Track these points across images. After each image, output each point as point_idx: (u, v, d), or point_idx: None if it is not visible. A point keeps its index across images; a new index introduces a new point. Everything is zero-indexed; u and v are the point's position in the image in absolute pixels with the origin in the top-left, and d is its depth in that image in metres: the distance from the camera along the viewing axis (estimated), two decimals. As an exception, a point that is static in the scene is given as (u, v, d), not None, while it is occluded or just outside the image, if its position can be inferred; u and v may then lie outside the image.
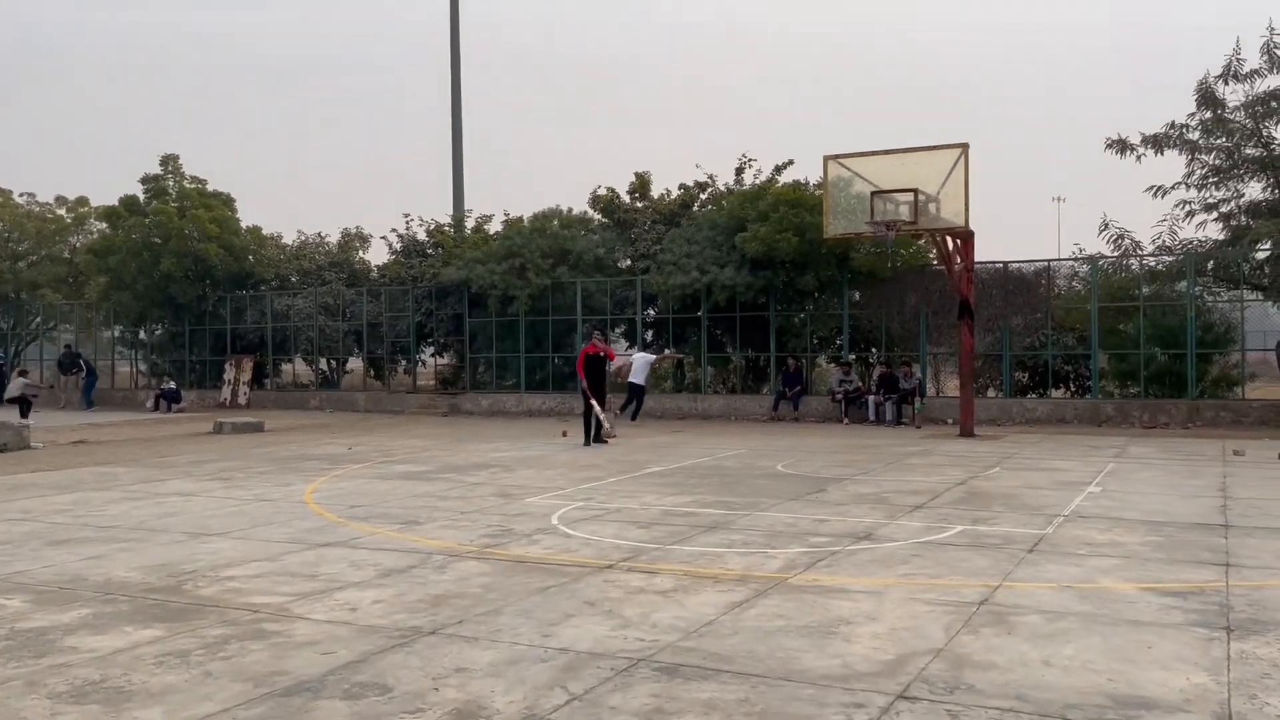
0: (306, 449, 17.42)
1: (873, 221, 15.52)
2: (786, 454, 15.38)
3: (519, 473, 13.49)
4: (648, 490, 11.57)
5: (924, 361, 21.48)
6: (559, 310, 25.48)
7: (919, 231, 15.72)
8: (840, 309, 22.87)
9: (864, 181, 15.85)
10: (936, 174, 15.37)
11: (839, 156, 16.20)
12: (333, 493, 11.77)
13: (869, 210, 15.56)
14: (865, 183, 15.84)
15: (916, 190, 15.31)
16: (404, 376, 30.20)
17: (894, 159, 15.73)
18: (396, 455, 16.10)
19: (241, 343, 30.75)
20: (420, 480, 12.80)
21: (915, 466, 13.58)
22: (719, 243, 22.81)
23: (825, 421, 21.82)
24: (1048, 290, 20.93)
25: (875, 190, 15.61)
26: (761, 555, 7.84)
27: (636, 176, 26.77)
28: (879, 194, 15.56)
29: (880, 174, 15.73)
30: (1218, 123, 20.53)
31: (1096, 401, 20.08)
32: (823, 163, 16.30)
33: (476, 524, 9.47)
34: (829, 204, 16.40)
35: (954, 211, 15.39)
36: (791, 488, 11.62)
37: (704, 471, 13.28)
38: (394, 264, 29.90)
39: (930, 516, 9.51)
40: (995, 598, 6.42)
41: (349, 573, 7.43)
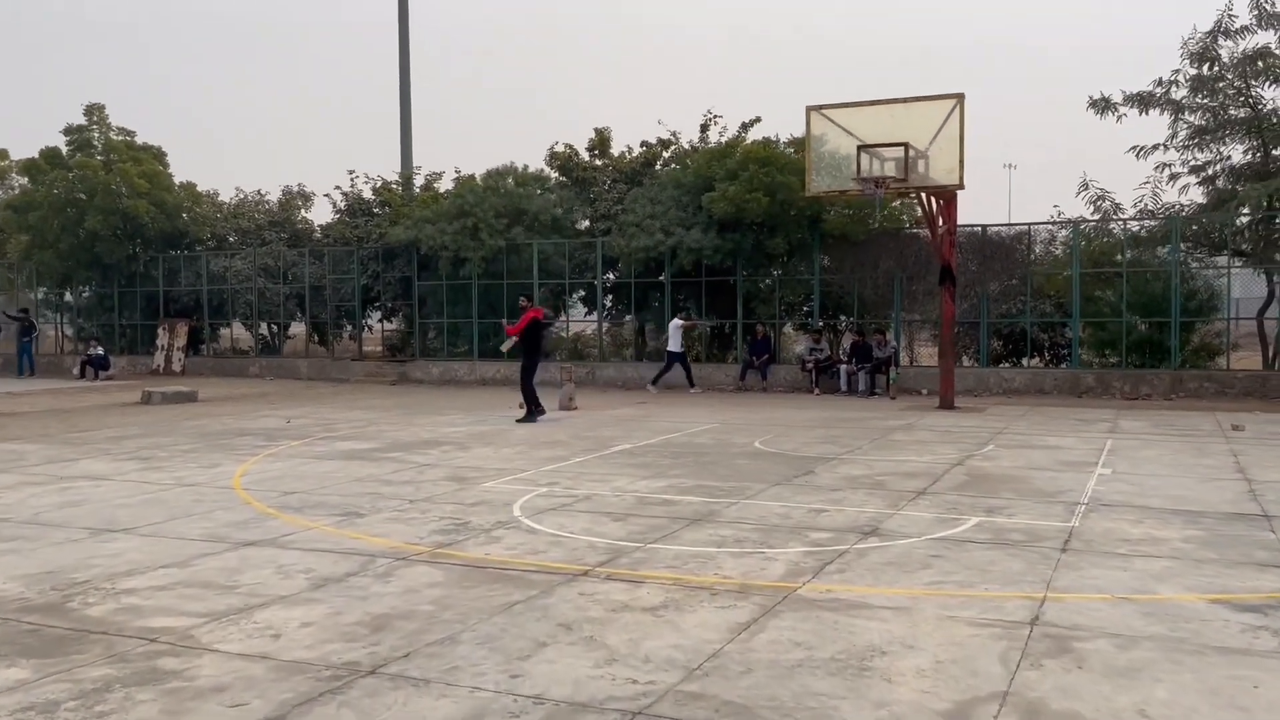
0: (241, 422, 16.05)
1: (860, 178, 14.44)
2: (761, 428, 14.36)
3: (474, 451, 12.32)
4: (619, 472, 10.46)
5: (898, 329, 20.58)
6: (514, 273, 24.16)
7: (908, 190, 14.69)
8: (810, 273, 21.86)
9: (848, 136, 14.71)
10: (928, 127, 14.29)
11: (822, 107, 15.05)
12: (265, 476, 10.51)
13: (855, 166, 14.46)
14: (850, 137, 14.71)
15: (907, 145, 14.23)
16: (350, 342, 28.74)
17: (882, 111, 14.62)
18: (339, 430, 14.82)
19: (175, 306, 29.01)
20: (364, 460, 11.57)
21: (903, 444, 12.63)
22: (684, 203, 21.63)
23: (795, 392, 20.87)
24: (1026, 255, 20.07)
25: (862, 145, 14.50)
26: (759, 557, 6.78)
27: (596, 133, 25.43)
28: (866, 148, 14.46)
29: (867, 127, 14.62)
30: (1203, 83, 19.72)
31: (1076, 371, 19.34)
32: (805, 114, 15.14)
33: (427, 516, 8.30)
34: (811, 159, 15.26)
35: (947, 168, 14.35)
36: (776, 469, 10.59)
37: (677, 449, 12.21)
38: (338, 224, 28.31)
39: (937, 505, 8.53)
40: (1046, 614, 5.42)
41: (275, 583, 6.24)
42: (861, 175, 14.43)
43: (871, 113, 14.72)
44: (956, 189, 14.48)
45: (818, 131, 15.09)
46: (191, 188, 29.60)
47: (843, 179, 14.93)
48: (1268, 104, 19.64)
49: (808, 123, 15.16)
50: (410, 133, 31.20)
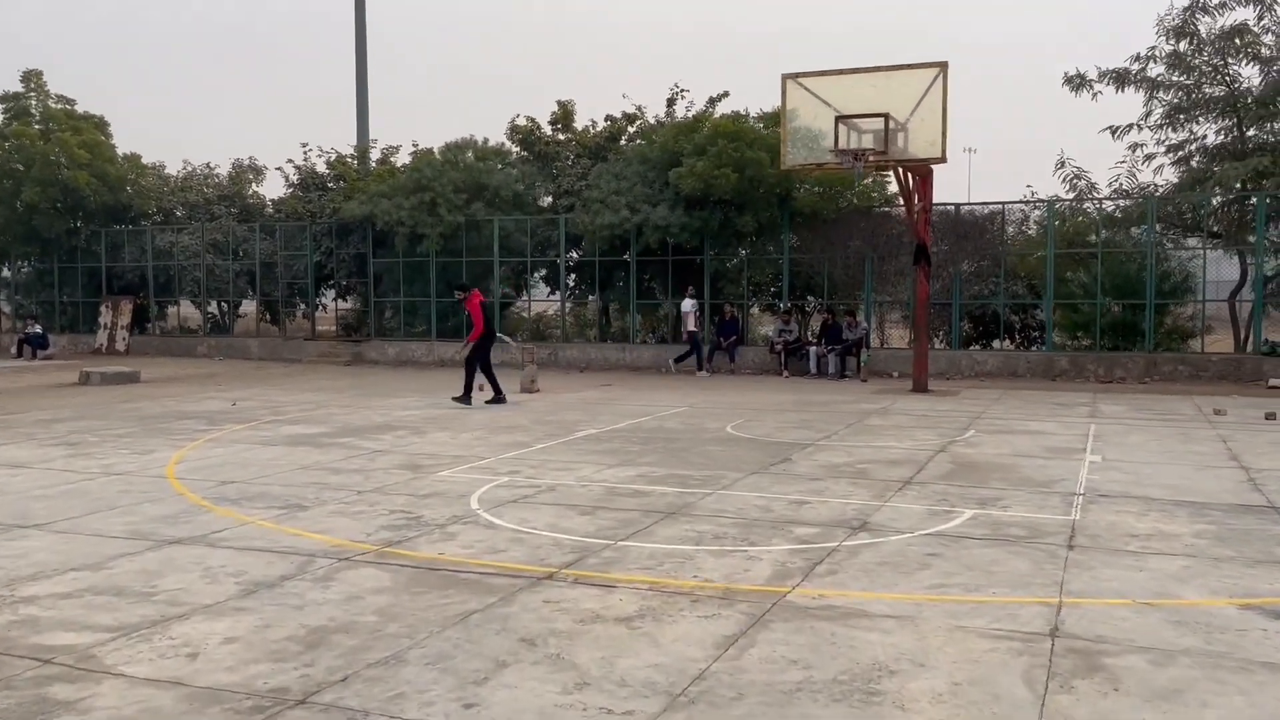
0: (184, 404, 15.19)
1: (838, 150, 13.82)
2: (732, 412, 13.78)
3: (430, 436, 11.60)
4: (584, 460, 9.82)
5: (869, 310, 20.09)
6: (474, 250, 23.34)
7: (888, 163, 14.10)
8: (779, 253, 21.28)
9: (825, 106, 14.05)
10: (909, 97, 13.69)
11: (798, 75, 14.39)
12: (203, 463, 9.74)
13: (832, 138, 13.84)
14: (827, 108, 14.05)
15: (887, 116, 13.64)
16: (303, 322, 27.75)
17: (861, 80, 13.99)
18: (288, 413, 14.02)
19: (119, 283, 27.83)
20: (312, 446, 10.82)
21: (880, 429, 12.10)
22: (650, 179, 20.93)
23: (763, 374, 20.32)
24: (1001, 235, 19.64)
25: (840, 115, 13.88)
26: (742, 556, 6.18)
27: (559, 105, 24.61)
28: (844, 119, 13.85)
29: (845, 97, 13.99)
30: (1179, 59, 19.35)
31: (1050, 354, 18.97)
32: (780, 83, 14.47)
33: (376, 509, 7.60)
34: (786, 131, 14.61)
35: (928, 141, 13.78)
36: (751, 456, 10.00)
37: (646, 435, 11.58)
38: (291, 198, 27.25)
39: (926, 496, 7.98)
40: (1066, 624, 4.87)
41: (199, 588, 5.53)
42: (840, 148, 13.83)
43: (850, 82, 14.09)
44: (938, 162, 13.93)
45: (794, 102, 14.43)
46: (136, 159, 28.36)
47: (819, 151, 14.31)
48: (1244, 82, 19.33)
49: (783, 92, 14.50)
50: (366, 104, 30.16)
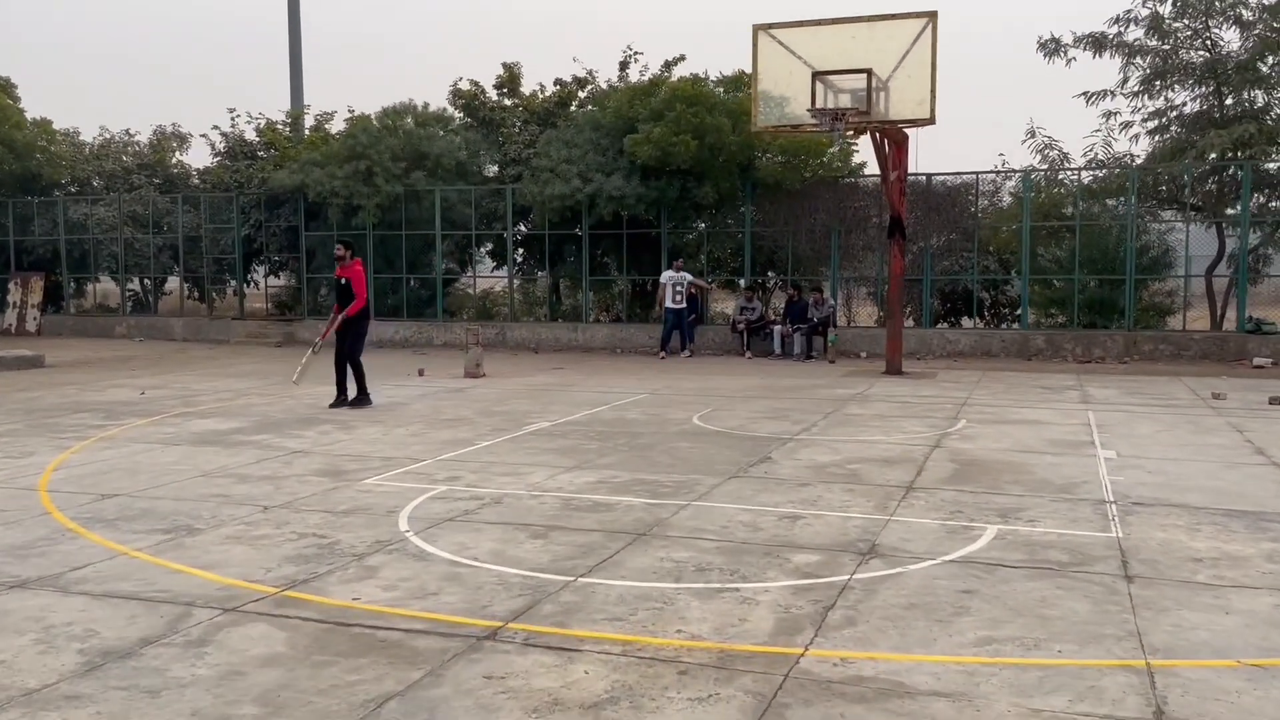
0: (86, 393, 13.61)
1: (816, 110, 12.59)
2: (697, 400, 12.58)
3: (359, 431, 10.24)
4: (536, 461, 8.54)
5: (835, 287, 18.99)
6: (414, 223, 21.81)
7: (871, 124, 12.89)
8: (740, 226, 20.09)
9: (801, 63, 12.78)
10: (894, 51, 12.48)
11: (770, 26, 13.07)
12: (87, 469, 8.30)
13: (809, 97, 12.59)
14: (802, 64, 12.79)
15: (870, 71, 12.44)
16: (234, 300, 26.01)
17: (841, 32, 12.73)
18: (202, 403, 12.54)
19: (29, 258, 25.79)
20: (220, 446, 9.41)
21: (862, 419, 10.98)
22: (604, 147, 19.57)
23: (724, 354, 19.15)
24: (975, 207, 18.62)
25: (817, 72, 12.64)
26: (734, 597, 4.97)
27: (505, 69, 23.06)
28: (822, 76, 12.62)
29: (823, 51, 12.73)
30: (1158, 23, 18.42)
31: (1025, 333, 18.03)
32: (751, 34, 13.16)
33: (284, 532, 6.27)
34: (758, 89, 13.32)
35: (916, 100, 12.58)
36: (726, 455, 8.80)
37: (604, 428, 10.33)
38: (217, 168, 25.43)
39: (936, 506, 6.85)
40: (1171, 705, 3.73)
41: (26, 662, 4.19)
42: (817, 107, 12.60)
43: (829, 34, 12.83)
44: (927, 123, 12.76)
45: (766, 57, 13.11)
46: (46, 125, 26.28)
47: (794, 112, 13.06)
48: (1224, 46, 18.46)
49: (754, 45, 13.18)
50: (300, 66, 28.29)
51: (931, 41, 12.42)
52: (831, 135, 12.95)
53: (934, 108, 12.57)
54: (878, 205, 18.96)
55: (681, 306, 18.68)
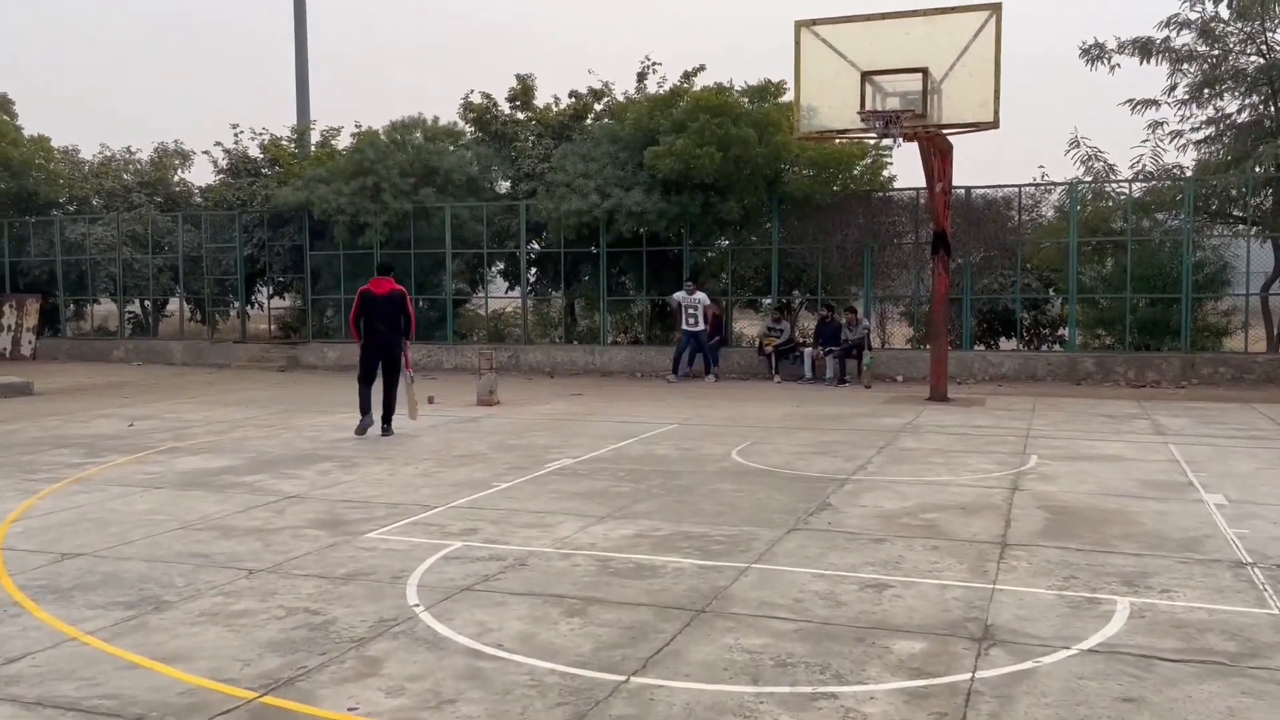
0: (70, 425, 12.61)
1: (866, 113, 11.57)
2: (732, 431, 11.52)
3: (363, 470, 9.20)
4: (563, 508, 7.49)
5: (868, 306, 17.94)
6: (423, 242, 20.85)
7: (927, 129, 11.83)
8: (765, 243, 19.06)
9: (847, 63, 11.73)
10: (952, 48, 11.43)
11: (814, 22, 12.03)
12: (52, 520, 7.27)
13: (858, 99, 11.57)
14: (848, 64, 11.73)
15: (926, 71, 11.43)
16: (236, 322, 25.06)
17: (893, 27, 11.69)
18: (193, 436, 11.52)
19: (25, 279, 24.90)
20: (207, 489, 8.37)
21: (919, 454, 9.91)
22: (622, 160, 18.61)
23: (750, 378, 18.09)
24: (1017, 221, 17.56)
25: (867, 71, 11.62)
26: (834, 710, 3.90)
27: (519, 80, 22.15)
28: (871, 76, 11.61)
29: (873, 49, 11.70)
30: (1208, 29, 17.40)
31: (1073, 355, 16.94)
32: (794, 31, 12.13)
33: (269, 606, 5.23)
34: (800, 91, 12.28)
35: (978, 101, 11.52)
36: (778, 500, 7.74)
37: (635, 466, 9.27)
38: (220, 186, 24.56)
39: (1044, 570, 5.77)
40: None
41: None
42: (867, 109, 11.57)
43: (881, 30, 11.81)
44: (990, 127, 11.69)
45: (809, 56, 12.06)
46: (44, 142, 25.47)
47: (840, 116, 12.03)
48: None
49: (796, 42, 12.14)
50: (307, 79, 27.50)
51: (995, 36, 11.38)
52: (889, 141, 11.85)
53: (998, 110, 11.50)
54: (913, 220, 17.96)
55: (699, 329, 17.62)
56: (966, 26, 11.45)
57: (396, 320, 11.43)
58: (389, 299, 11.42)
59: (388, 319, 11.42)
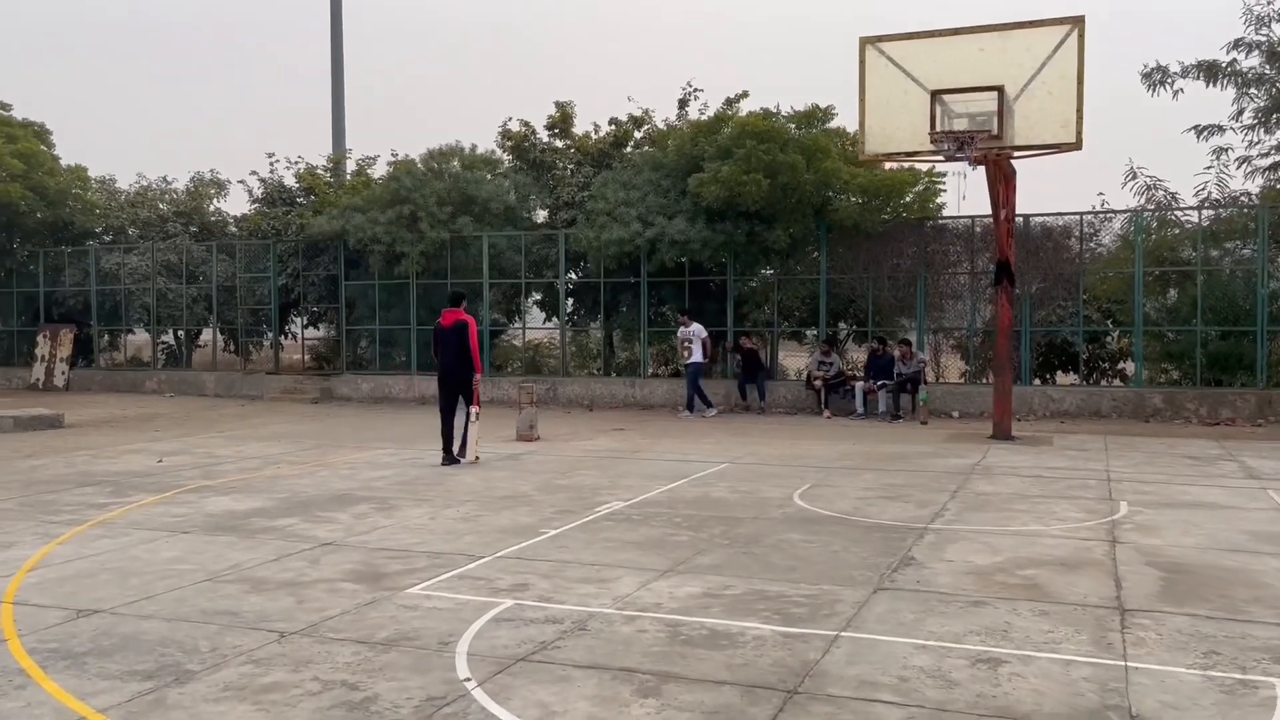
0: (98, 461, 12.16)
1: (938, 134, 10.97)
2: (789, 471, 10.86)
3: (402, 514, 8.63)
4: (620, 560, 6.86)
5: (922, 339, 17.22)
6: (460, 272, 20.41)
7: (1003, 151, 11.17)
8: (811, 272, 18.43)
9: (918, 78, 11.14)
10: (1029, 65, 10.80)
11: (880, 39, 11.46)
12: (70, 569, 6.75)
13: (926, 119, 10.96)
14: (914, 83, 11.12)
15: (1001, 89, 10.82)
16: (270, 352, 24.73)
17: (965, 44, 11.08)
18: (224, 474, 11.01)
19: (60, 309, 24.72)
20: (236, 534, 7.83)
21: (998, 500, 9.20)
22: (665, 188, 18.10)
23: (798, 413, 17.40)
24: (1080, 251, 16.82)
25: (937, 90, 11.01)
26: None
27: (558, 107, 21.74)
28: (941, 95, 11.00)
29: (943, 67, 11.09)
30: (1275, 54, 16.69)
31: (1140, 390, 16.12)
32: (859, 48, 11.58)
33: (302, 679, 4.63)
34: (866, 111, 11.67)
35: (1059, 121, 10.86)
36: (854, 553, 7.07)
37: (692, 511, 8.63)
38: (255, 215, 24.28)
39: (1177, 643, 5.07)
40: None
41: None
42: (938, 130, 10.96)
43: (951, 47, 11.21)
44: (1072, 149, 11.04)
45: (874, 75, 11.47)
46: (80, 171, 25.36)
47: (907, 137, 11.42)
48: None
49: (861, 61, 11.56)
50: (343, 109, 27.33)
51: (1078, 51, 10.74)
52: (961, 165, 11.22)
53: (1080, 130, 10.84)
54: (968, 249, 17.29)
55: (697, 360, 16.95)
56: (1046, 41, 10.82)
57: (460, 351, 11.28)
58: (453, 330, 11.33)
59: (453, 350, 11.33)
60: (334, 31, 27.73)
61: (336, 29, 27.67)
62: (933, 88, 11.15)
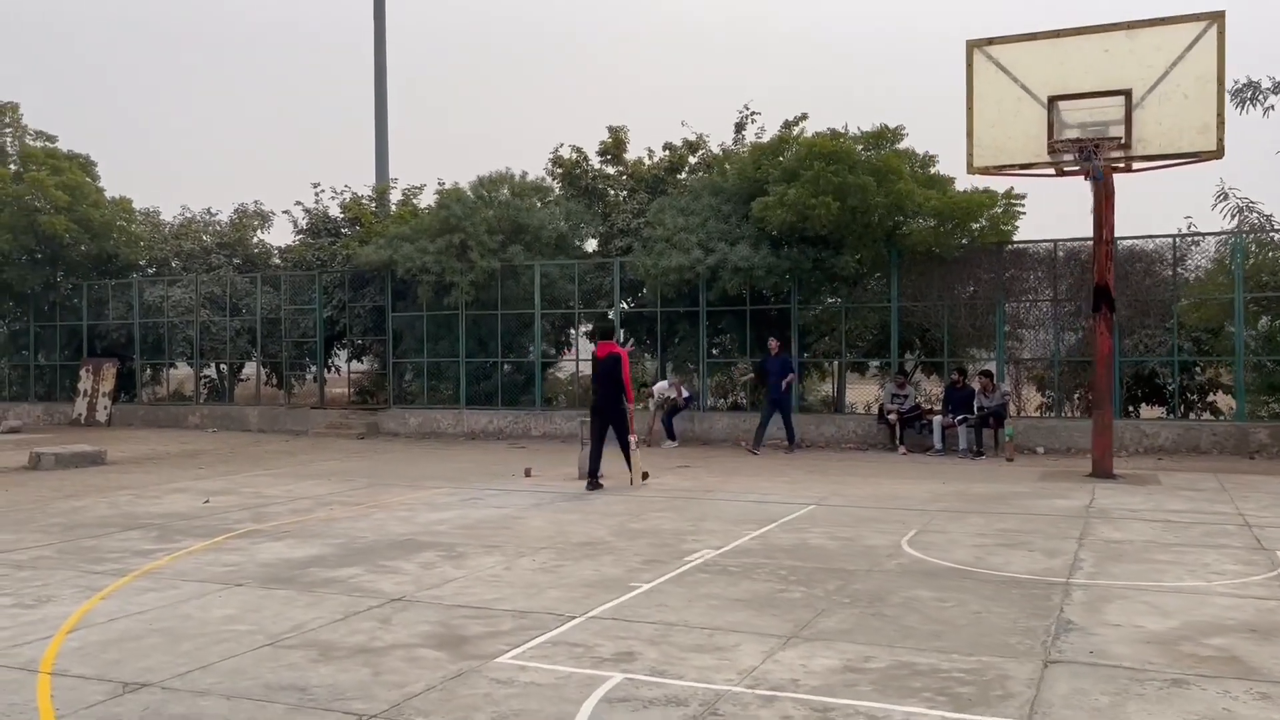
0: (141, 501, 11.50)
1: (1065, 142, 10.09)
2: (882, 513, 9.95)
3: (473, 563, 7.83)
4: (731, 623, 6.00)
5: (1001, 370, 16.25)
6: (511, 302, 19.76)
7: (1129, 161, 10.26)
8: (878, 300, 17.56)
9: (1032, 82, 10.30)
10: (1160, 65, 9.91)
11: (989, 42, 10.61)
12: (113, 631, 6.00)
13: (1044, 127, 10.10)
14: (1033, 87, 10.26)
15: (1129, 92, 9.97)
16: (313, 386, 24.17)
17: (1088, 44, 10.20)
18: (275, 516, 10.29)
19: (103, 343, 24.34)
20: (296, 587, 7.06)
21: (1134, 549, 8.24)
22: (725, 213, 17.36)
23: (869, 448, 16.47)
24: (1173, 275, 15.82)
25: (1055, 95, 10.16)
26: None
27: (611, 132, 21.13)
28: (1059, 101, 10.15)
29: (1062, 70, 10.23)
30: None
31: (1243, 425, 15.05)
32: (966, 52, 10.77)
33: (393, 786, 3.81)
34: (975, 119, 10.83)
35: (1197, 126, 9.95)
36: (998, 614, 6.16)
37: (795, 562, 7.75)
38: (299, 246, 23.84)
39: None
40: None
41: None
42: (1058, 139, 10.08)
43: (1069, 48, 10.35)
44: (1213, 157, 10.14)
45: (983, 80, 10.63)
46: (125, 203, 25.07)
47: (1021, 148, 10.53)
48: None
49: (969, 65, 10.74)
50: (386, 138, 26.94)
51: (1217, 50, 9.87)
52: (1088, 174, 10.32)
53: (1221, 136, 9.94)
54: (1049, 275, 16.35)
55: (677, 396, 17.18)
56: (1179, 39, 9.94)
57: (613, 382, 11.81)
58: (605, 362, 11.88)
59: (606, 382, 11.86)
60: (377, 64, 27.42)
61: (380, 60, 27.35)
62: (1050, 93, 10.31)
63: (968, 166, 10.97)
